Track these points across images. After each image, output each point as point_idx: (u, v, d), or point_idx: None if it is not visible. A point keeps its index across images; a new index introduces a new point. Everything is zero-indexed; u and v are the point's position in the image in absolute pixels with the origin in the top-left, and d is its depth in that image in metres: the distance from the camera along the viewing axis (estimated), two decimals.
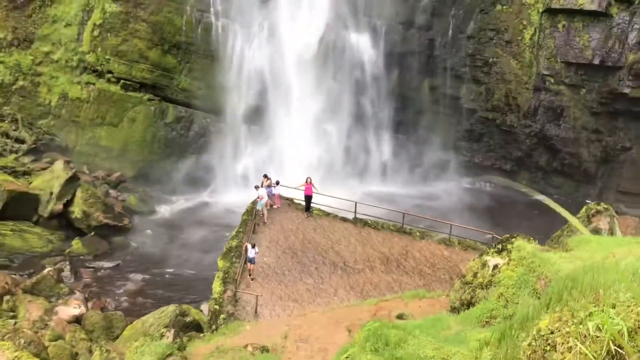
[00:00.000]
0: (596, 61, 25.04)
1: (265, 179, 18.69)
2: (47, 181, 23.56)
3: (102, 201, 23.69)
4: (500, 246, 11.42)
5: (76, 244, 21.99)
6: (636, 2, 24.08)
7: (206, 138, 28.35)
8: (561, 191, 27.64)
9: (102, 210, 23.34)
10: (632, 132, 25.69)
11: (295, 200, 19.16)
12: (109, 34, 27.14)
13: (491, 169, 28.97)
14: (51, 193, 23.02)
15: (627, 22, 24.53)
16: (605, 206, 19.42)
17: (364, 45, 27.96)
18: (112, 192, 26.19)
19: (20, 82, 27.17)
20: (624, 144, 25.85)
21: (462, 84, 28.56)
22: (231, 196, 26.74)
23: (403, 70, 28.71)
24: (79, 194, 23.43)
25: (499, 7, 26.82)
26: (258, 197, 17.76)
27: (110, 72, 27.38)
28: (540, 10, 26.21)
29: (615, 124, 25.87)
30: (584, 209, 19.33)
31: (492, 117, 27.82)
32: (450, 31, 28.17)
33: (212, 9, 27.76)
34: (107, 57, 27.23)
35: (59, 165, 24.01)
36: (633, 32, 24.42)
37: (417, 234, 18.16)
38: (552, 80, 26.31)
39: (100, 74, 27.42)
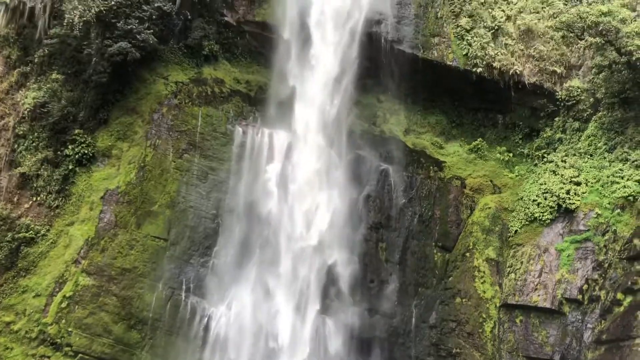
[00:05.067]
0: (556, 358, 25.47)
1: None
2: None
3: None
4: None
5: None
6: (585, 303, 25.68)
7: None
8: None
9: None
10: None
11: None
12: (77, 306, 27.18)
13: None
14: None
15: (580, 320, 25.75)
16: None
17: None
18: None
19: None
20: None
21: None
22: None
23: None
24: None
25: (458, 299, 28.24)
26: None
27: (69, 345, 26.64)
28: (498, 305, 27.59)
29: None
30: None
31: None
32: (414, 319, 29.06)
33: (183, 287, 28.60)
34: (69, 329, 26.77)
35: None
36: (587, 331, 25.46)
37: None
38: None
39: (57, 347, 26.62)
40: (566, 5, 31.23)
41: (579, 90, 30.33)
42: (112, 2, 28.26)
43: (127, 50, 28.24)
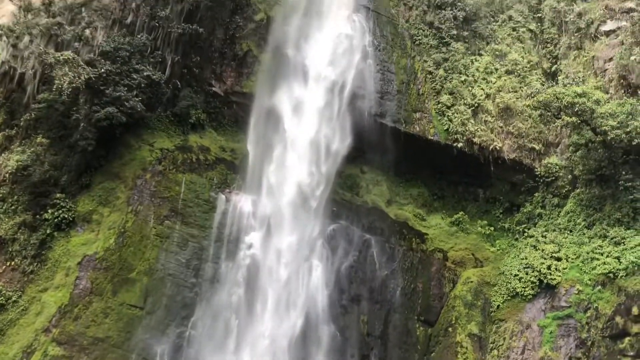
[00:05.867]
0: None
1: None
2: None
3: None
4: None
5: None
6: None
7: None
8: None
9: None
10: None
11: None
12: None
13: None
14: None
15: None
16: None
17: None
18: None
19: None
20: None
21: None
22: None
23: None
24: None
25: None
26: None
27: None
28: None
29: None
30: None
31: None
32: None
33: (157, 358, 27.50)
34: None
35: None
36: None
37: None
38: None
39: None
40: (543, 85, 32.50)
41: (557, 167, 31.10)
42: (102, 70, 28.78)
43: (115, 115, 28.52)
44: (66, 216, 29.27)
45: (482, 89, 33.41)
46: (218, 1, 31.93)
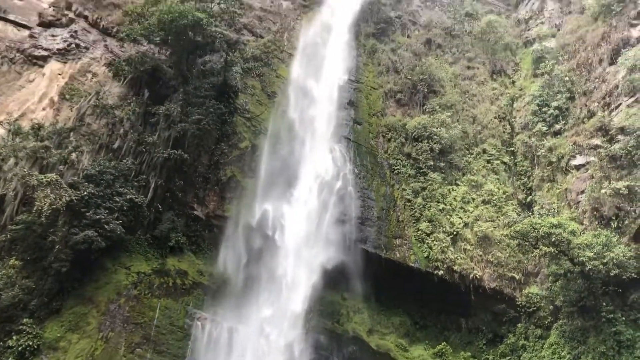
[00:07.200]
0: None
1: None
2: None
3: None
4: None
5: None
6: None
7: None
8: None
9: None
10: None
11: None
12: None
13: None
14: None
15: None
16: None
17: None
18: None
19: None
20: None
21: None
22: None
23: None
24: None
25: None
26: None
27: None
28: None
29: None
30: None
31: None
32: None
33: None
34: None
35: None
36: None
37: None
38: None
39: None
40: (519, 215, 33.25)
41: (538, 297, 30.91)
42: (85, 193, 28.84)
43: (93, 239, 28.14)
44: (31, 343, 27.63)
45: (460, 217, 34.05)
46: (205, 129, 33.01)
